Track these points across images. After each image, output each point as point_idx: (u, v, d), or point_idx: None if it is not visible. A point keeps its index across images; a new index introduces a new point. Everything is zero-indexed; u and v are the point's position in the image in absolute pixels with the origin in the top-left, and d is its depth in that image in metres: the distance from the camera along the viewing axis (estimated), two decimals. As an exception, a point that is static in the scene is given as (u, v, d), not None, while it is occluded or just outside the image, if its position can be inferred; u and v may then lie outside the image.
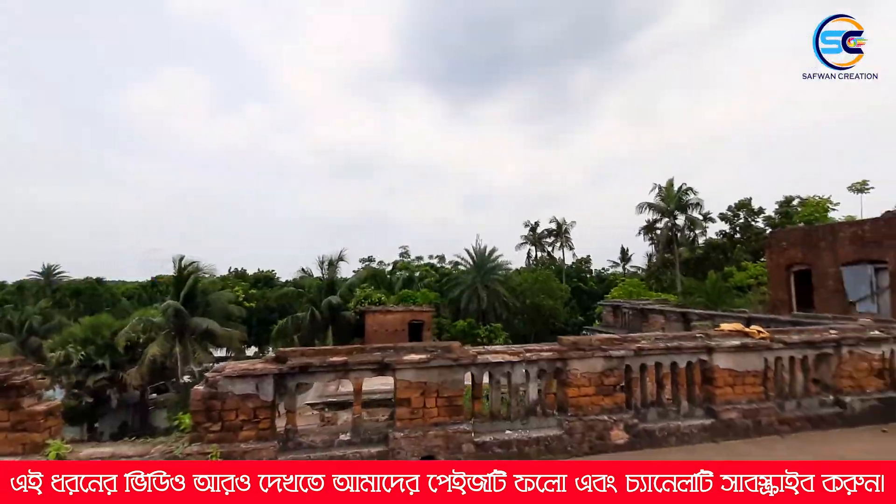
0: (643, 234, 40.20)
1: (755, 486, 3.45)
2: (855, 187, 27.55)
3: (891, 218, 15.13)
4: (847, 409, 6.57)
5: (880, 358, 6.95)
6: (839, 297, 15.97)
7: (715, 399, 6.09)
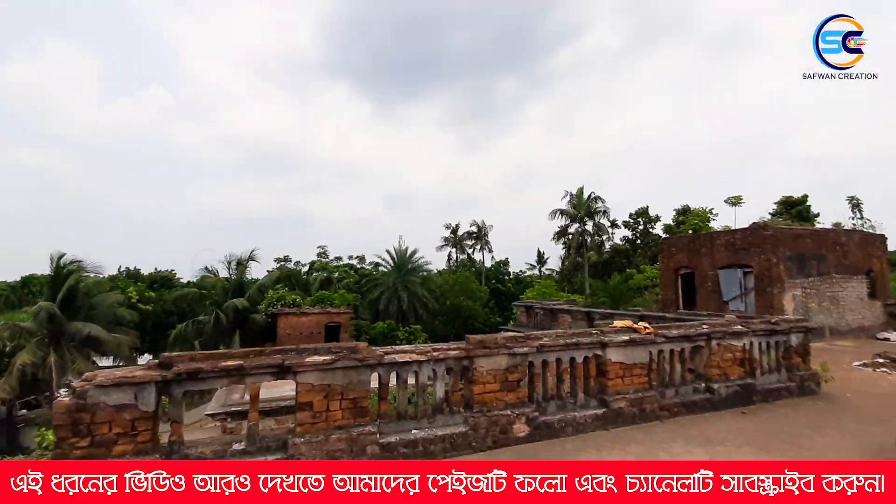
0: (556, 238, 42.80)
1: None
2: (731, 201, 31.78)
3: (755, 228, 17.61)
4: (715, 395, 7.51)
5: (742, 349, 8.05)
6: (716, 297, 18.25)
7: (607, 390, 6.64)
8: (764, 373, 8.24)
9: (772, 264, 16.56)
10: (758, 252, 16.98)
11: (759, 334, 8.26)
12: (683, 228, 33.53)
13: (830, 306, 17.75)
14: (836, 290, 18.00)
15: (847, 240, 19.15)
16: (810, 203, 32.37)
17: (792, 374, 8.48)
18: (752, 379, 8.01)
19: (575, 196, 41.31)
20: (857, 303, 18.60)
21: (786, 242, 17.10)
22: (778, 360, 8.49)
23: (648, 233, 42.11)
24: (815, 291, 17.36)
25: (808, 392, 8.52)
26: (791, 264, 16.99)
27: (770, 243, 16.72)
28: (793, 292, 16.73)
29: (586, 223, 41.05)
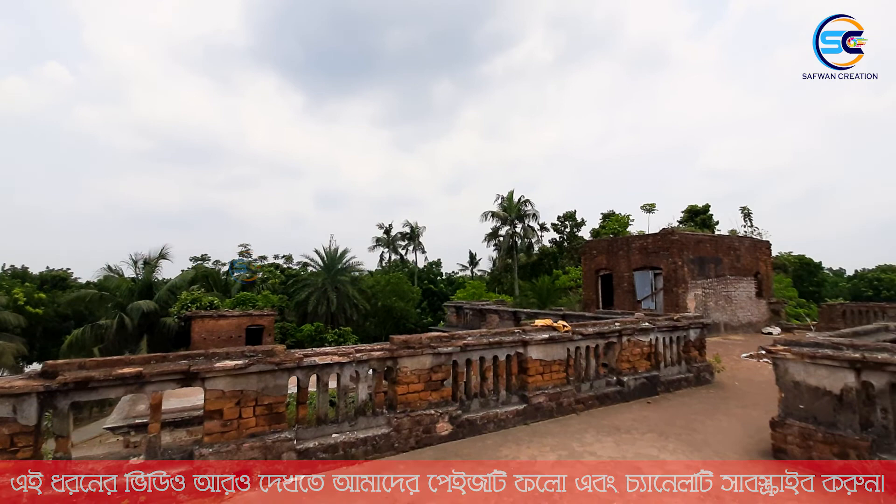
0: (488, 240, 43.94)
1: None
2: (646, 208, 34.60)
3: (665, 234, 19.30)
4: (625, 387, 8.12)
5: (649, 344, 8.78)
6: (631, 296, 19.74)
7: (528, 386, 6.94)
8: (667, 365, 9.05)
9: (678, 266, 18.23)
10: (666, 255, 18.61)
11: (664, 330, 9.07)
12: (605, 232, 35.90)
13: (725, 304, 19.89)
14: (730, 289, 20.21)
15: (739, 245, 21.57)
16: (712, 212, 36.11)
17: (690, 366, 9.40)
18: (657, 371, 8.77)
19: (506, 199, 42.68)
20: (747, 301, 21.01)
21: (690, 247, 18.91)
22: (679, 354, 9.37)
23: (575, 236, 44.54)
24: (713, 291, 19.37)
25: (704, 381, 9.49)
26: (694, 267, 18.82)
27: (677, 247, 18.40)
28: (695, 292, 18.54)
29: (516, 226, 42.55)
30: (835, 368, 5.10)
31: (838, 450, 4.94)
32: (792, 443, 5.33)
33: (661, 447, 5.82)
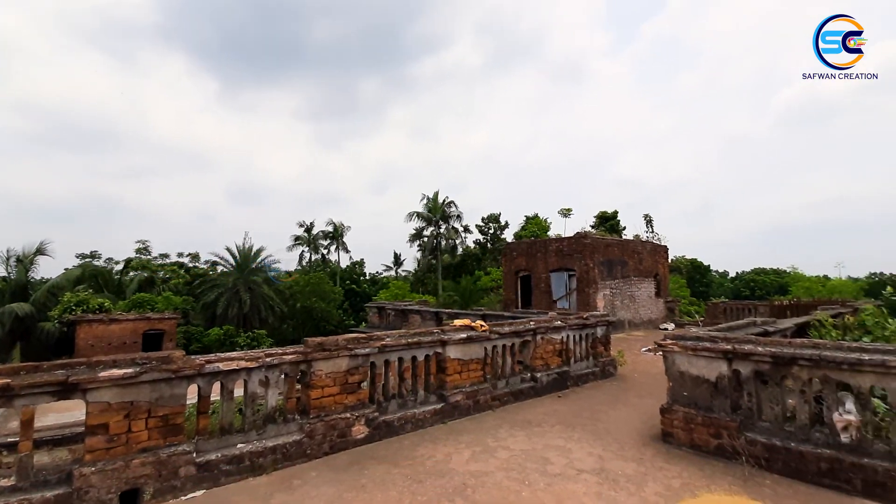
0: (412, 240, 44.07)
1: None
2: (563, 212, 36.84)
3: (578, 238, 20.67)
4: (538, 383, 8.59)
5: (560, 341, 9.36)
6: (547, 296, 20.87)
7: (446, 385, 7.08)
8: (576, 361, 9.71)
9: (589, 268, 19.62)
10: (580, 258, 19.94)
11: (574, 328, 9.72)
12: (525, 235, 37.59)
13: (629, 303, 21.75)
14: (634, 290, 22.15)
15: (642, 249, 23.71)
16: (620, 218, 39.35)
17: (597, 361, 10.17)
18: (568, 367, 9.38)
19: (431, 200, 43.12)
20: (648, 300, 23.15)
21: (600, 250, 20.44)
22: (587, 350, 10.10)
23: (499, 238, 46.13)
24: (620, 291, 21.10)
25: (608, 375, 10.31)
26: (603, 268, 20.36)
27: (589, 251, 19.79)
28: (604, 292, 20.07)
29: (441, 227, 43.13)
30: (712, 359, 5.81)
31: (714, 431, 5.64)
32: (677, 426, 5.99)
33: (568, 437, 6.24)
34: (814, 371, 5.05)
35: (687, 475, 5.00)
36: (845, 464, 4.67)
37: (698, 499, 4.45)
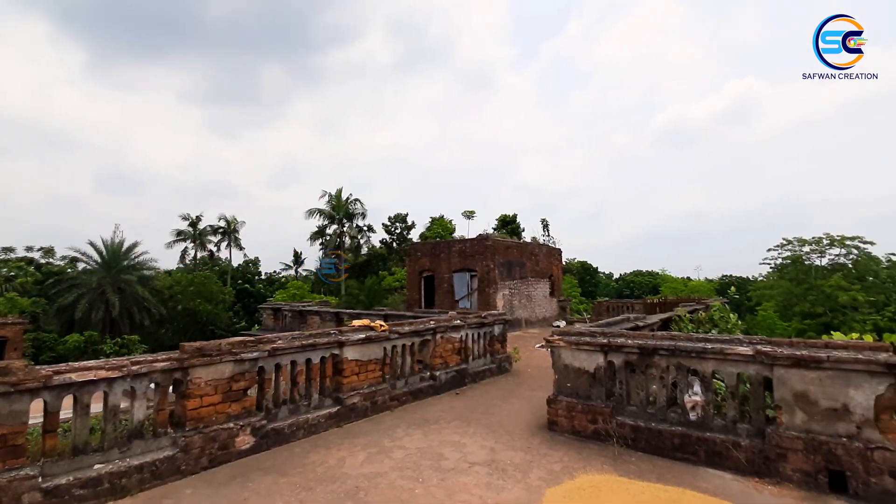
0: (313, 238, 42.37)
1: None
2: (466, 214, 38.06)
3: (480, 239, 21.52)
4: (437, 381, 8.78)
5: (459, 340, 9.67)
6: (450, 296, 21.41)
7: (343, 388, 6.94)
8: (475, 358, 10.11)
9: (490, 269, 20.52)
10: (481, 259, 20.78)
11: (473, 327, 10.11)
12: (431, 235, 38.16)
13: (527, 303, 23.18)
14: (531, 290, 23.65)
15: (539, 251, 25.41)
16: (520, 222, 41.78)
17: (493, 358, 10.69)
18: (466, 364, 9.73)
19: (334, 197, 41.83)
20: (543, 299, 24.87)
21: (500, 252, 21.49)
22: (485, 347, 10.57)
23: (405, 238, 46.19)
24: (518, 291, 22.38)
25: (504, 371, 10.89)
26: (503, 269, 21.44)
27: (489, 252, 20.71)
28: (503, 292, 21.14)
29: (345, 225, 42.07)
30: (591, 352, 6.42)
31: (591, 417, 6.24)
32: (561, 415, 6.53)
33: (463, 432, 6.48)
34: (671, 359, 5.84)
35: (567, 459, 5.47)
36: (692, 438, 5.46)
37: (575, 479, 4.89)
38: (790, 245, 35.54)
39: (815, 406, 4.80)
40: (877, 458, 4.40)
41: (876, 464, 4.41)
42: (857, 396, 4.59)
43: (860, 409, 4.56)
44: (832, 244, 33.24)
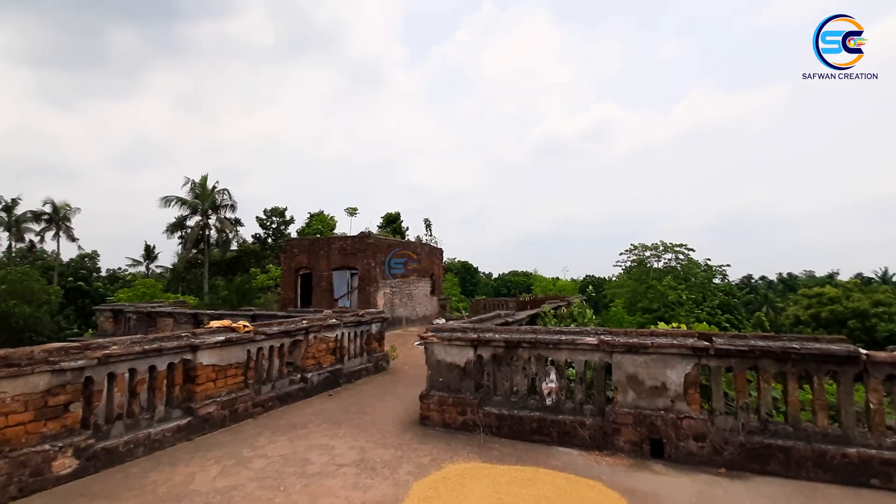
0: (172, 231, 37.73)
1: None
2: (349, 210, 37.18)
3: (362, 237, 21.22)
4: (308, 384, 8.45)
5: (334, 339, 9.43)
6: (329, 295, 20.75)
7: (196, 397, 6.30)
8: (350, 358, 9.94)
9: (371, 267, 20.35)
10: (362, 257, 20.50)
11: (349, 325, 9.92)
12: (310, 231, 36.52)
13: (408, 301, 23.46)
14: (412, 288, 23.99)
15: (421, 251, 25.90)
16: (405, 221, 42.09)
17: (371, 357, 10.62)
18: (341, 364, 9.52)
19: (198, 185, 37.71)
20: (424, 298, 25.40)
21: (382, 250, 21.43)
22: (362, 346, 10.45)
23: (282, 233, 43.45)
24: (399, 290, 22.54)
25: (381, 369, 10.89)
26: (385, 268, 21.42)
27: (371, 250, 20.52)
28: (384, 290, 21.11)
29: (211, 217, 38.21)
30: (462, 347, 6.74)
31: (461, 409, 6.55)
32: (433, 410, 6.73)
33: (333, 434, 6.33)
34: (532, 351, 6.39)
35: (436, 452, 5.66)
36: (548, 421, 6.05)
37: (442, 470, 5.09)
38: (636, 250, 41.31)
39: (642, 385, 5.65)
40: (684, 425, 5.34)
41: (684, 430, 5.35)
42: (672, 375, 5.51)
43: (674, 385, 5.49)
44: (666, 250, 39.44)
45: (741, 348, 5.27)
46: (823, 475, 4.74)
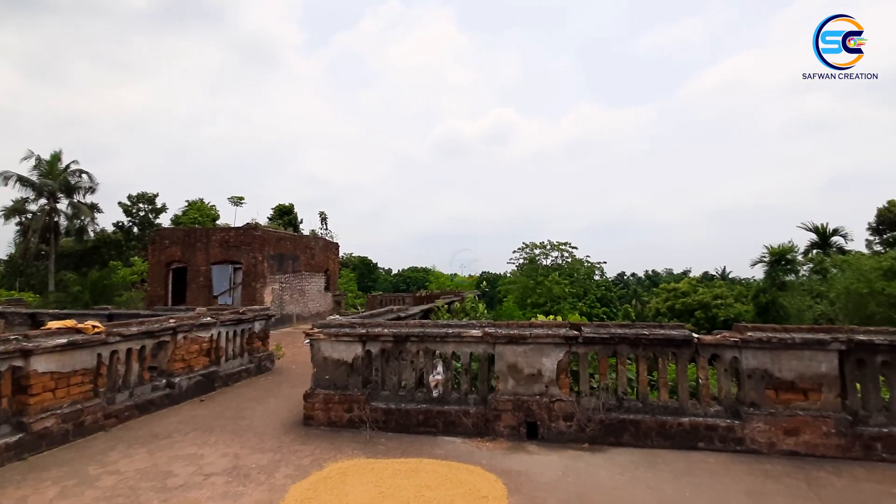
0: (8, 216, 31.71)
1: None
2: (233, 200, 34.40)
3: (248, 229, 19.82)
4: (176, 389, 7.70)
5: (209, 339, 8.70)
6: (207, 292, 19.08)
7: (29, 409, 5.40)
8: (228, 359, 9.26)
9: (258, 262, 19.11)
10: (248, 250, 19.15)
11: (228, 324, 9.23)
12: (186, 221, 33.16)
13: (299, 297, 22.46)
14: (304, 284, 23.02)
15: (315, 245, 24.94)
16: (300, 213, 40.15)
17: (253, 357, 9.99)
18: (217, 366, 8.82)
19: (47, 163, 32.18)
20: (317, 294, 24.53)
21: (271, 243, 20.23)
22: (242, 346, 9.78)
23: (152, 222, 38.81)
24: (289, 286, 21.49)
25: (265, 370, 10.31)
26: (274, 262, 20.24)
27: (258, 243, 19.26)
28: (273, 286, 19.97)
29: (60, 200, 32.84)
30: (350, 342, 6.64)
31: (348, 406, 6.46)
32: (318, 408, 6.55)
33: (203, 442, 5.85)
34: (420, 345, 6.51)
35: (319, 451, 5.52)
36: (434, 412, 6.22)
37: (323, 470, 4.98)
38: (527, 248, 44.16)
39: (521, 373, 6.06)
40: (556, 408, 5.86)
41: (555, 412, 5.86)
42: (547, 363, 6.00)
43: (548, 372, 5.98)
44: (553, 248, 42.74)
45: (604, 336, 5.92)
46: (664, 442, 5.53)
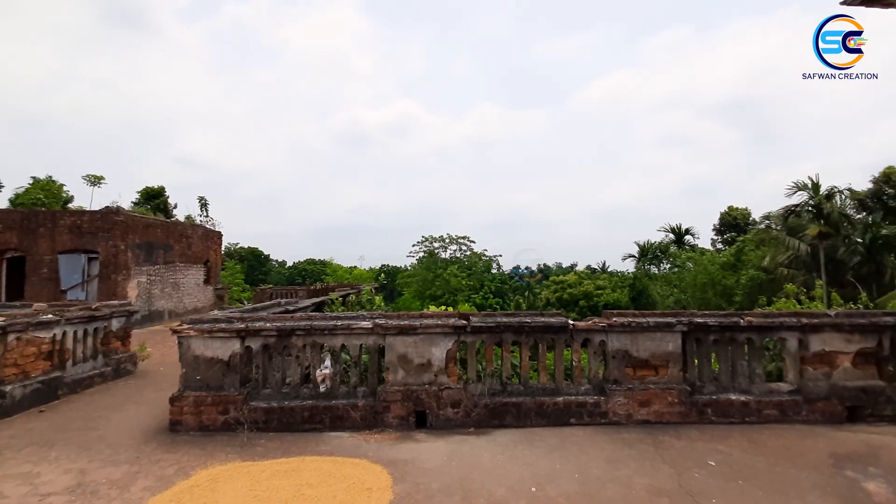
0: None
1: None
2: (90, 179, 29.96)
3: (107, 213, 17.46)
4: (7, 399, 6.57)
5: (50, 340, 7.52)
6: (52, 285, 16.48)
7: None
8: (78, 362, 8.10)
9: (120, 251, 16.95)
10: (106, 237, 16.89)
11: (77, 322, 8.06)
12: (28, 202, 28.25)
13: (172, 291, 20.39)
14: (179, 276, 20.94)
15: (192, 233, 22.77)
16: (172, 197, 36.22)
17: (109, 359, 8.86)
18: (62, 371, 7.68)
19: None
20: (195, 288, 22.47)
21: (137, 230, 18.05)
22: (96, 347, 8.62)
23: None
24: (160, 278, 19.39)
25: (125, 373, 9.20)
26: (140, 252, 18.10)
27: (120, 229, 17.07)
28: (138, 279, 17.86)
29: None
30: (227, 339, 6.18)
31: (223, 408, 6.01)
32: (187, 412, 6.01)
33: (41, 459, 5.06)
34: (307, 338, 6.27)
35: (186, 459, 5.07)
36: (320, 408, 6.04)
37: (190, 479, 4.58)
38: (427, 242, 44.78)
39: (410, 364, 6.14)
40: (444, 395, 6.03)
41: (444, 400, 6.03)
42: (436, 352, 6.15)
43: (437, 361, 6.13)
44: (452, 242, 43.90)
45: (490, 325, 6.22)
46: (542, 421, 5.98)
